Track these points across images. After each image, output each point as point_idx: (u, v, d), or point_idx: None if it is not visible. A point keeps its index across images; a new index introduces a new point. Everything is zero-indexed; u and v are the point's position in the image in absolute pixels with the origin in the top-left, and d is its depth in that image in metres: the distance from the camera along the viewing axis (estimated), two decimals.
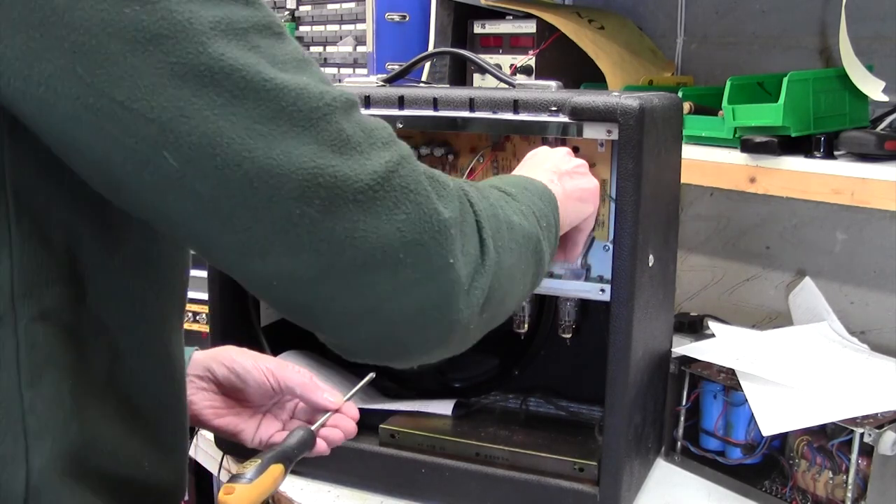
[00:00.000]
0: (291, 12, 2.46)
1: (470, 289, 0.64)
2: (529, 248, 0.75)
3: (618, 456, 1.00)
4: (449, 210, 0.63)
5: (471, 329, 0.67)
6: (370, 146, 0.60)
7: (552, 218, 0.84)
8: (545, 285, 1.05)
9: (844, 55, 1.20)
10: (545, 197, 0.84)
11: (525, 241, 0.74)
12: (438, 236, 0.61)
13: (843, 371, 1.15)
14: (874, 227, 1.48)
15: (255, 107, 0.56)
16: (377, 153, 0.60)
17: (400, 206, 0.60)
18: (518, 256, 0.73)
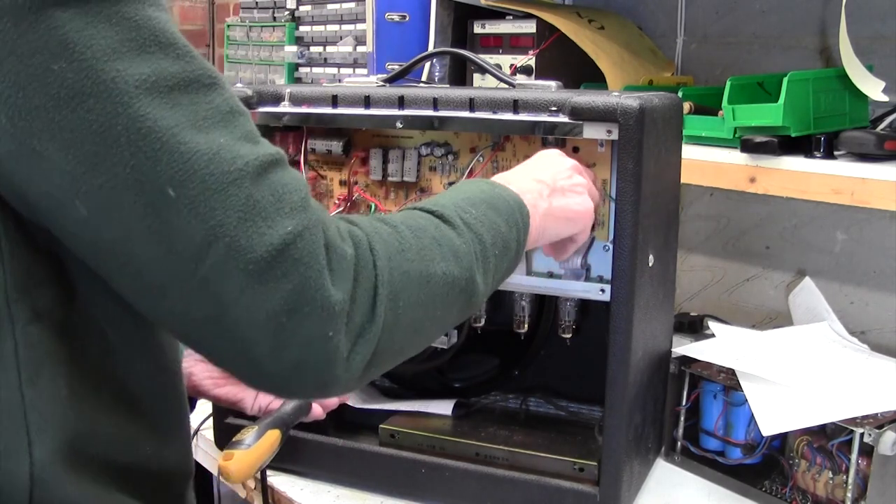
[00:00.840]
0: (291, 12, 2.46)
1: (350, 356, 0.66)
2: (453, 292, 0.76)
3: (618, 456, 1.00)
4: (339, 290, 0.64)
5: (354, 383, 0.69)
6: (276, 212, 0.62)
7: (513, 242, 0.84)
8: (545, 285, 1.05)
9: (844, 55, 1.20)
10: (513, 219, 0.85)
11: (445, 289, 0.75)
12: (322, 313, 0.63)
13: (843, 371, 1.15)
14: (874, 227, 1.48)
15: (166, 170, 0.58)
16: (280, 222, 0.62)
17: (289, 277, 0.61)
18: (428, 308, 0.73)
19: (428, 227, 0.76)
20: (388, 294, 0.68)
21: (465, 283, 0.77)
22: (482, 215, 0.81)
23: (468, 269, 0.77)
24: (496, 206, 0.84)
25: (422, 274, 0.72)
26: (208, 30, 3.56)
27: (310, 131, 1.15)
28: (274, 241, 0.61)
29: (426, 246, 0.74)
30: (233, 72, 2.80)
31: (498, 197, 0.86)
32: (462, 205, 0.81)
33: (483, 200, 0.84)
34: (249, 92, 1.11)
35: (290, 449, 1.14)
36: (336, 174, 1.15)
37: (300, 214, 0.63)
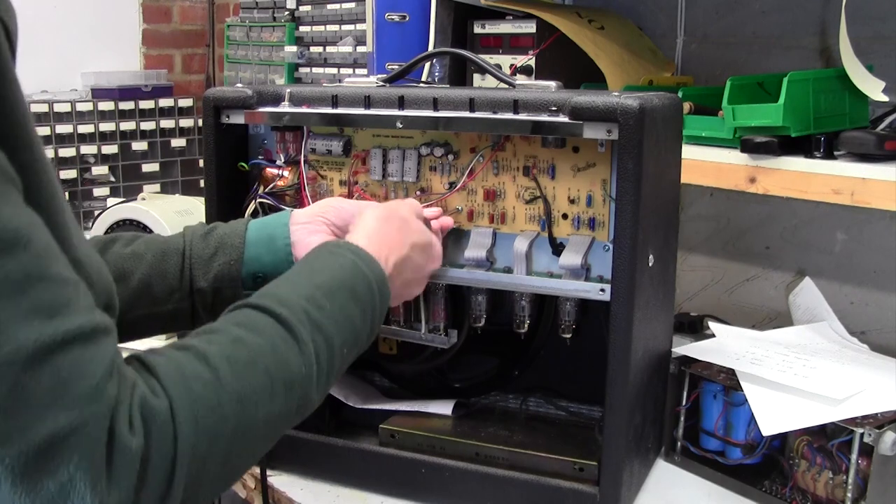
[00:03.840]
0: (291, 12, 2.46)
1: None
2: (279, 425, 0.73)
3: (618, 456, 1.00)
4: (117, 490, 0.57)
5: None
6: (50, 403, 0.55)
7: (365, 333, 0.83)
8: (545, 285, 1.05)
9: (844, 55, 1.20)
10: (371, 306, 0.83)
11: (267, 431, 0.71)
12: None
13: (843, 371, 1.15)
14: (874, 227, 1.48)
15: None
16: (53, 415, 0.55)
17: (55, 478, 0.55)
18: (244, 455, 0.69)
19: (262, 354, 0.71)
20: (189, 471, 0.62)
21: (297, 409, 0.74)
22: (338, 310, 0.78)
23: (303, 397, 0.74)
24: (356, 293, 0.81)
25: (239, 427, 0.67)
26: (208, 30, 3.56)
27: (310, 131, 1.15)
28: (39, 437, 0.54)
29: (253, 388, 0.68)
30: (233, 72, 2.81)
31: (361, 278, 0.83)
32: (316, 298, 0.77)
33: (343, 286, 0.81)
34: (249, 92, 1.11)
35: (290, 449, 1.14)
36: (336, 174, 1.15)
37: (82, 407, 0.56)
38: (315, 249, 0.88)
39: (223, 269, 1.00)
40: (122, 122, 3.11)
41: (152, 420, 0.61)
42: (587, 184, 1.03)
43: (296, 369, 0.73)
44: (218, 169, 1.14)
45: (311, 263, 0.85)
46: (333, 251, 0.87)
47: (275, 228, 1.02)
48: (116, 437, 0.58)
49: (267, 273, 1.00)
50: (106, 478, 0.57)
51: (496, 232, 1.08)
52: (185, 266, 1.00)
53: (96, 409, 0.57)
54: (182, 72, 3.66)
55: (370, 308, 0.84)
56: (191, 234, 1.04)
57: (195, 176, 3.22)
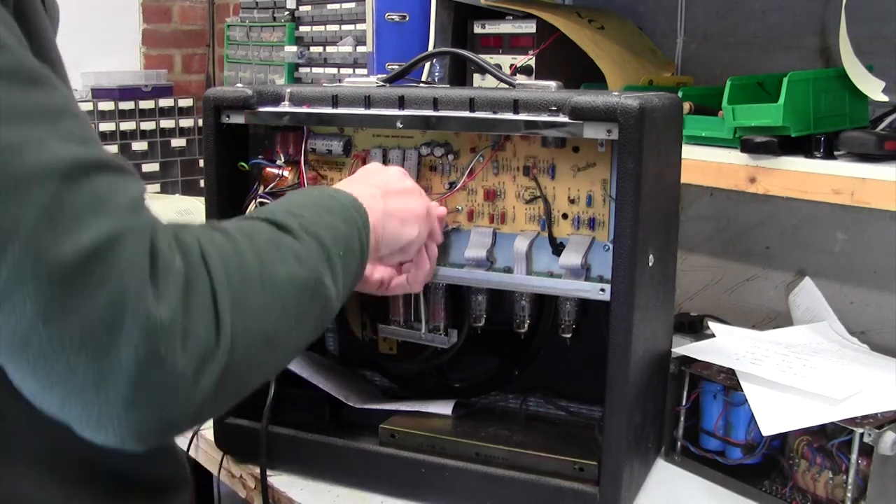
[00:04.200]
0: (291, 12, 2.46)
1: (197, 378, 0.58)
2: (303, 296, 0.70)
3: (618, 456, 1.00)
4: (165, 303, 0.56)
5: (207, 411, 0.61)
6: (93, 213, 0.55)
7: (356, 241, 0.81)
8: (545, 285, 1.05)
9: (844, 55, 1.20)
10: (351, 218, 0.81)
11: (294, 292, 0.69)
12: (148, 329, 0.55)
13: (843, 371, 1.15)
14: (874, 227, 1.48)
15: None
16: (95, 224, 0.55)
17: (104, 287, 0.54)
18: (280, 314, 0.67)
19: (262, 232, 0.70)
20: (231, 301, 0.61)
21: (315, 284, 0.71)
22: (317, 217, 0.77)
23: (314, 271, 0.72)
24: (330, 208, 0.80)
25: (264, 276, 0.66)
26: (208, 30, 3.56)
27: (310, 131, 1.15)
28: (83, 244, 0.54)
29: (264, 248, 0.68)
30: (233, 72, 2.81)
31: (330, 198, 0.82)
32: (293, 209, 0.76)
33: (315, 203, 0.80)
34: (249, 92, 1.11)
35: (290, 449, 1.14)
36: (336, 174, 1.15)
37: (124, 216, 0.57)
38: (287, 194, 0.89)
39: None
40: (122, 122, 3.12)
41: (188, 251, 0.60)
42: (587, 184, 1.03)
43: (297, 248, 0.71)
44: (218, 169, 1.14)
45: (282, 199, 0.84)
46: (301, 191, 0.87)
47: None
48: (159, 252, 0.58)
49: None
50: (154, 289, 0.56)
51: (496, 232, 1.08)
52: None
53: (137, 220, 0.57)
54: (182, 72, 3.67)
55: (351, 220, 0.81)
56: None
57: (195, 176, 3.22)
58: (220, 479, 1.23)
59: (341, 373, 1.28)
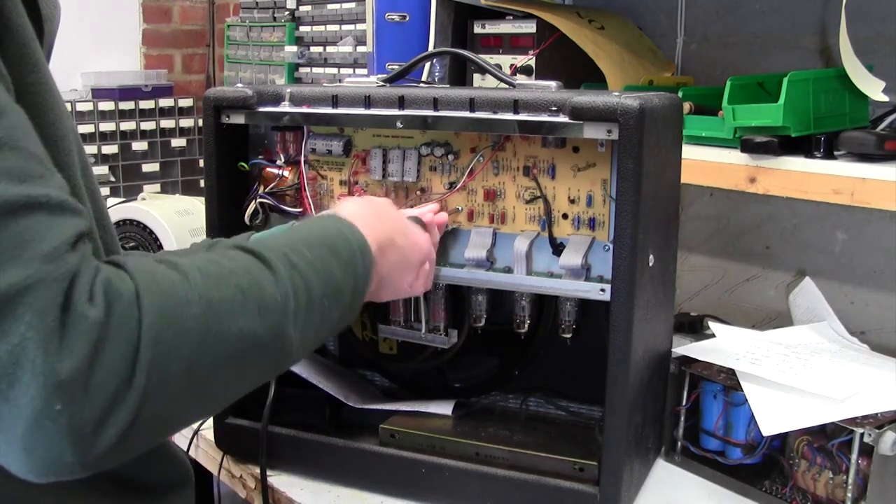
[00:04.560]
0: (291, 12, 2.46)
1: (97, 432, 0.57)
2: (251, 353, 0.67)
3: (618, 456, 1.00)
4: (68, 359, 0.55)
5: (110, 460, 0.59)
6: (8, 259, 0.54)
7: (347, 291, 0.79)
8: (545, 285, 1.05)
9: (844, 55, 1.20)
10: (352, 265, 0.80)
11: (241, 349, 0.66)
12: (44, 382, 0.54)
13: (843, 371, 1.15)
14: (874, 227, 1.48)
15: None
16: (8, 271, 0.54)
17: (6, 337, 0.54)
18: (216, 370, 0.65)
19: (235, 272, 0.68)
20: (154, 357, 0.59)
21: (271, 339, 0.68)
22: (316, 258, 0.75)
23: (276, 326, 0.69)
24: (336, 250, 0.79)
25: (208, 332, 0.63)
26: (208, 30, 3.56)
27: (310, 131, 1.15)
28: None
29: (223, 297, 0.65)
30: (233, 72, 2.81)
31: (342, 239, 0.81)
32: (296, 245, 0.75)
33: (323, 241, 0.78)
34: (249, 92, 1.12)
35: (290, 449, 1.14)
36: (336, 174, 1.15)
37: (40, 265, 0.55)
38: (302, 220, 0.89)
39: None
40: (122, 122, 3.12)
41: (116, 299, 0.59)
42: (587, 184, 1.03)
43: (269, 293, 0.69)
44: (218, 169, 1.14)
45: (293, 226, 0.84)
46: (317, 218, 0.86)
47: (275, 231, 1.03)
48: (73, 304, 0.56)
49: None
50: (58, 342, 0.55)
51: (496, 232, 1.08)
52: None
53: (53, 271, 0.56)
54: (182, 72, 3.67)
55: (352, 268, 0.80)
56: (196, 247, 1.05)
57: (195, 176, 3.22)
58: (220, 479, 1.23)
59: (341, 373, 1.28)
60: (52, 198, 0.58)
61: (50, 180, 0.59)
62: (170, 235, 1.66)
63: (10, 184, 0.56)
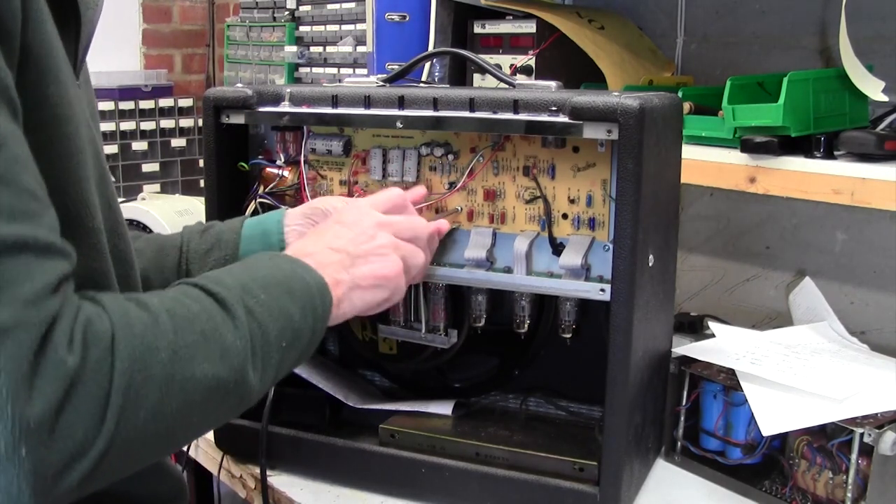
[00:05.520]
0: (291, 12, 2.46)
1: (60, 475, 0.58)
2: (214, 396, 0.69)
3: (618, 456, 1.00)
4: (38, 406, 0.56)
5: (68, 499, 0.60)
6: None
7: (306, 332, 0.80)
8: (545, 285, 1.05)
9: (844, 55, 1.20)
10: (310, 306, 0.80)
11: (204, 394, 0.68)
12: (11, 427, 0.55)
13: (843, 371, 1.15)
14: (874, 227, 1.48)
15: None
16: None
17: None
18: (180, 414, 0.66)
19: (199, 317, 0.69)
20: (123, 404, 0.61)
21: (234, 384, 0.71)
22: (273, 302, 0.76)
23: (238, 370, 0.71)
24: (292, 290, 0.79)
25: (174, 378, 0.65)
26: (208, 30, 3.56)
27: (310, 131, 1.15)
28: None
29: (189, 343, 0.67)
30: (233, 72, 2.81)
31: (297, 279, 0.81)
32: (252, 287, 0.76)
33: (279, 283, 0.79)
34: (249, 92, 1.12)
35: (290, 449, 1.14)
36: (336, 174, 1.15)
37: (21, 309, 0.56)
38: (255, 256, 0.87)
39: (218, 265, 1.01)
40: (122, 122, 3.12)
41: (94, 342, 0.60)
42: (587, 184, 1.03)
43: (230, 340, 0.71)
44: (218, 169, 1.14)
45: (247, 262, 0.83)
46: (273, 257, 0.85)
47: (269, 225, 1.04)
48: (50, 349, 0.57)
49: None
50: (29, 388, 0.55)
51: (496, 232, 1.08)
52: (182, 261, 1.02)
53: (32, 315, 0.56)
54: (182, 72, 3.67)
55: (310, 307, 0.81)
56: (188, 231, 1.06)
57: (195, 176, 3.22)
58: (220, 479, 1.23)
59: (341, 373, 1.28)
60: (39, 239, 0.58)
61: (41, 218, 0.60)
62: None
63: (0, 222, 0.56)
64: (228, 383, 0.70)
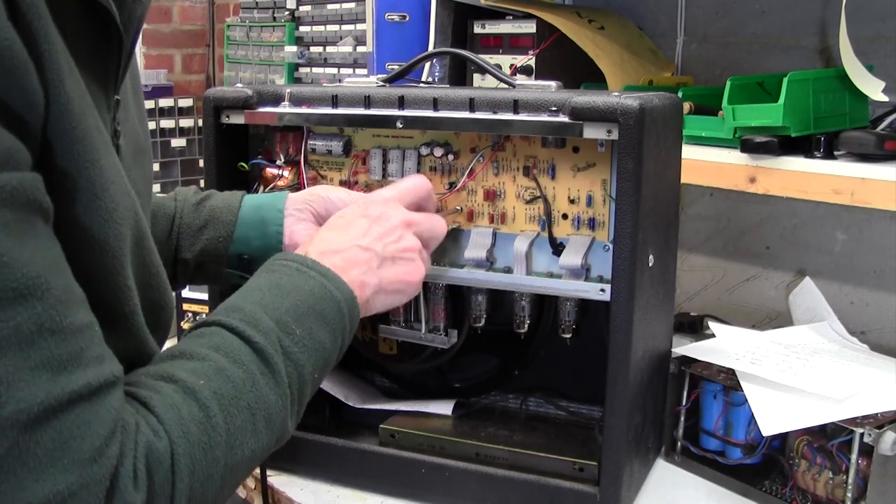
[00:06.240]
0: (291, 12, 2.46)
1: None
2: (258, 460, 0.71)
3: (618, 456, 1.00)
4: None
5: None
6: (50, 464, 0.53)
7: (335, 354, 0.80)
8: (545, 285, 1.05)
9: (844, 55, 1.20)
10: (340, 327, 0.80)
11: (252, 464, 0.71)
12: None
13: (843, 371, 1.15)
14: (874, 227, 1.48)
15: None
16: (52, 477, 0.53)
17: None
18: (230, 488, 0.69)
19: (243, 389, 0.69)
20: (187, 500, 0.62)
21: (276, 442, 0.73)
22: (307, 336, 0.76)
23: (280, 430, 0.73)
24: (325, 316, 0.79)
25: (228, 467, 0.66)
26: (208, 30, 3.56)
27: (310, 131, 1.15)
28: (35, 500, 0.53)
29: (239, 426, 0.68)
30: (233, 72, 2.81)
31: (329, 300, 0.80)
32: (286, 322, 0.75)
33: (311, 310, 0.78)
34: (249, 92, 1.12)
35: (291, 449, 1.14)
36: (336, 174, 1.15)
37: (83, 469, 0.55)
38: (279, 264, 0.83)
39: (210, 245, 1.00)
40: None
41: (156, 469, 0.60)
42: (587, 184, 1.03)
43: (273, 403, 0.72)
44: (218, 169, 1.14)
45: (278, 282, 0.80)
46: (300, 269, 0.82)
47: (268, 212, 1.01)
48: (118, 496, 0.57)
49: (253, 255, 0.99)
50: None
51: (496, 232, 1.08)
52: (173, 234, 1.00)
53: (97, 472, 0.56)
54: (182, 72, 3.67)
55: (340, 330, 0.81)
56: (183, 199, 1.03)
57: (195, 176, 3.22)
58: None
59: (341, 373, 1.28)
60: (91, 385, 0.57)
61: (88, 351, 0.58)
62: None
63: (52, 378, 0.54)
64: (271, 445, 0.72)
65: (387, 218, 0.93)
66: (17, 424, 0.52)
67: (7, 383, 0.52)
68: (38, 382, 0.53)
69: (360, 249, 0.88)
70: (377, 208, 0.94)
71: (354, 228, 0.90)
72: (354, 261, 0.86)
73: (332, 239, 0.88)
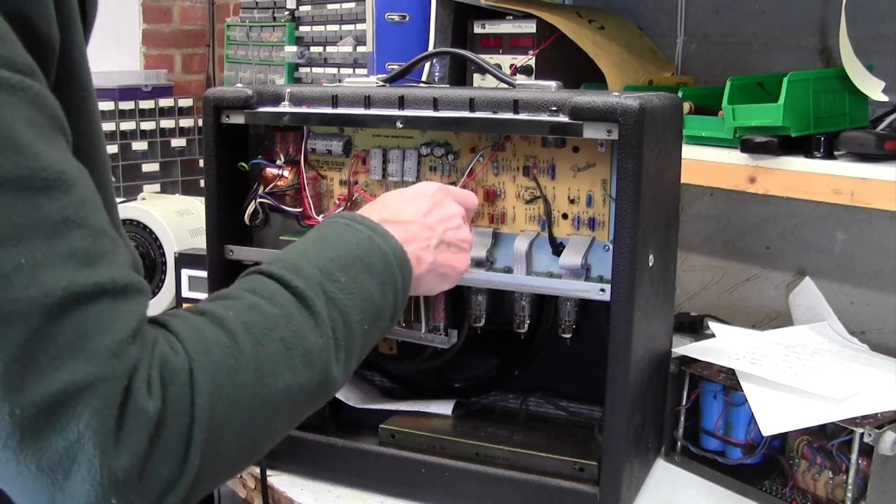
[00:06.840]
0: (291, 12, 2.46)
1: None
2: (299, 401, 0.68)
3: (618, 456, 1.00)
4: (125, 455, 0.55)
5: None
6: (70, 354, 0.54)
7: (388, 309, 0.78)
8: (545, 285, 1.05)
9: (844, 55, 1.20)
10: (390, 281, 0.78)
11: (289, 403, 0.67)
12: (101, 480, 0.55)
13: (843, 371, 1.15)
14: (874, 227, 1.48)
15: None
16: (71, 367, 0.54)
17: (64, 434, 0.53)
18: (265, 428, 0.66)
19: (278, 323, 0.67)
20: (207, 437, 0.60)
21: (318, 385, 0.69)
22: (352, 283, 0.74)
23: (322, 371, 0.69)
24: (372, 267, 0.77)
25: (258, 395, 0.64)
26: (208, 30, 3.56)
27: (310, 131, 1.15)
28: (53, 388, 0.53)
29: (270, 356, 0.65)
30: (233, 72, 2.81)
31: (377, 253, 0.78)
32: (331, 270, 0.73)
33: (357, 259, 0.76)
34: (249, 92, 1.11)
35: (290, 449, 1.14)
36: (336, 174, 1.15)
37: (101, 362, 0.55)
38: (328, 220, 0.83)
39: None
40: (122, 122, 3.11)
41: (171, 380, 0.59)
42: (587, 184, 1.03)
43: (313, 342, 0.69)
44: (218, 169, 1.14)
45: (323, 235, 0.79)
46: (349, 223, 0.81)
47: None
48: (132, 399, 0.56)
49: None
50: (115, 440, 0.55)
51: (496, 232, 1.08)
52: None
53: (115, 367, 0.55)
54: (182, 72, 3.67)
55: (390, 283, 0.78)
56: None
57: (195, 176, 3.22)
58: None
59: None
60: (116, 282, 0.57)
61: (115, 256, 0.58)
62: (170, 235, 1.67)
63: (78, 269, 0.55)
64: (313, 385, 0.69)
65: (448, 205, 0.93)
66: (42, 308, 0.53)
67: (32, 267, 0.53)
68: (64, 270, 0.54)
69: (423, 227, 0.87)
70: (437, 194, 0.93)
71: (418, 205, 0.90)
72: (416, 236, 0.85)
73: (398, 210, 0.88)
